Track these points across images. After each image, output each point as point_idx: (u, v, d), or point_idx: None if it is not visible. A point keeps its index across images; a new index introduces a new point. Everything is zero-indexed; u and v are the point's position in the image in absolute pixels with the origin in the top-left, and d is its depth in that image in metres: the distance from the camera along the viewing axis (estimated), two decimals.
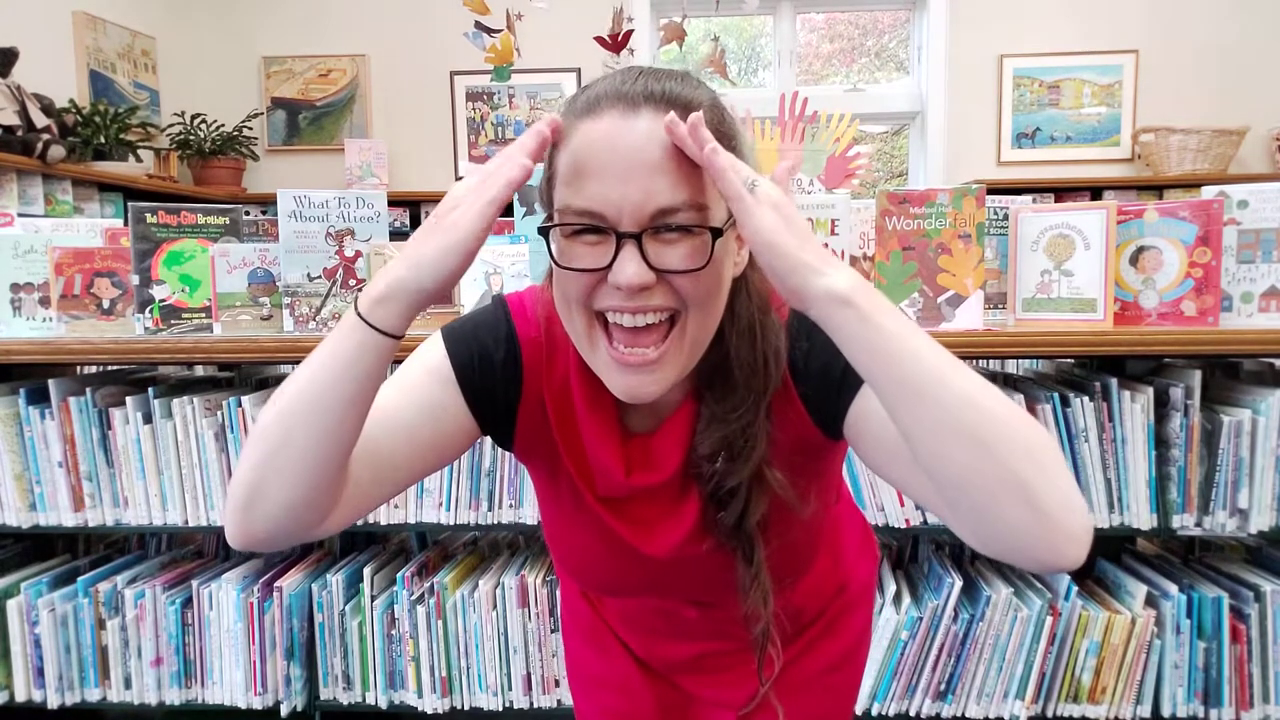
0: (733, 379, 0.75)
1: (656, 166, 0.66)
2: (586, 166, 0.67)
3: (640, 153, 0.66)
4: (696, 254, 0.67)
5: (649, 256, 0.67)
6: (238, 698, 1.60)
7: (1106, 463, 1.45)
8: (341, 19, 4.17)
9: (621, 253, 0.66)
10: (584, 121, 0.68)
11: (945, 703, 1.51)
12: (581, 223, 0.68)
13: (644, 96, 0.67)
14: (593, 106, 0.68)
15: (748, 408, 0.74)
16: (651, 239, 0.67)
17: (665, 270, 0.67)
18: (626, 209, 0.66)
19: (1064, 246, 1.45)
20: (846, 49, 4.59)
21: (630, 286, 0.66)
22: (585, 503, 0.81)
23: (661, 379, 0.70)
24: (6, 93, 2.88)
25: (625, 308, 0.68)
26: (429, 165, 4.22)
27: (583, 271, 0.68)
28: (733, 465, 0.75)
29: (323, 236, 1.59)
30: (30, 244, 1.65)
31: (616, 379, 0.71)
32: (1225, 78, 3.83)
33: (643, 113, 0.67)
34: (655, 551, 0.80)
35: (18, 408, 1.57)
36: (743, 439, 0.74)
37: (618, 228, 0.66)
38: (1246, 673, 1.47)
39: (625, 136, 0.66)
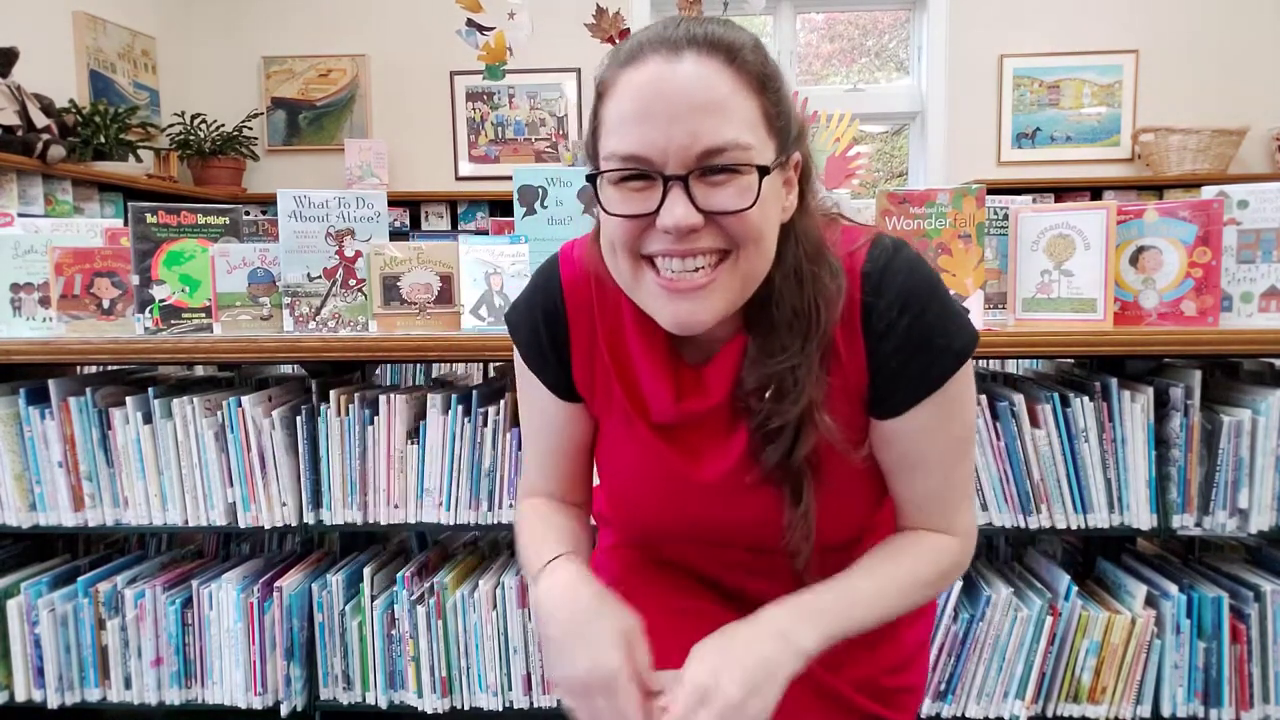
0: (775, 322, 0.75)
1: (702, 107, 0.66)
2: (632, 112, 0.68)
3: (685, 95, 0.66)
4: (744, 194, 0.68)
5: (696, 198, 0.68)
6: (238, 698, 1.60)
7: (1106, 463, 1.45)
8: (341, 19, 4.17)
9: (669, 196, 0.68)
10: (627, 69, 0.69)
11: (945, 703, 1.51)
12: (628, 168, 0.69)
13: (687, 40, 0.68)
14: (635, 54, 0.69)
15: (794, 351, 0.75)
16: (698, 180, 0.68)
17: (713, 211, 0.68)
18: (672, 151, 0.67)
19: (1064, 246, 1.45)
20: (846, 49, 4.59)
21: (679, 229, 0.67)
22: (639, 432, 0.83)
23: (711, 307, 0.71)
24: (6, 93, 2.89)
25: (674, 251, 0.69)
26: (429, 165, 4.22)
27: (631, 217, 0.70)
28: (779, 405, 0.75)
29: (323, 236, 1.59)
30: (30, 244, 1.65)
31: (665, 307, 0.72)
32: (1225, 78, 3.83)
33: (686, 56, 0.67)
34: (705, 477, 0.81)
35: (18, 408, 1.57)
36: (792, 380, 0.75)
37: (664, 171, 0.67)
38: (1246, 673, 1.47)
39: (669, 80, 0.67)
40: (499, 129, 4.21)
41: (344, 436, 1.55)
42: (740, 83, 0.68)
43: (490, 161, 4.23)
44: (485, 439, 1.53)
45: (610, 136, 0.70)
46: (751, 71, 0.69)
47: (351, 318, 1.59)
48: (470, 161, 4.24)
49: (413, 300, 1.58)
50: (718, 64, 0.68)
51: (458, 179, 4.24)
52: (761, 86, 0.70)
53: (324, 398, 1.55)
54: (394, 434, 1.54)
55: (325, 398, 1.55)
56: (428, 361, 2.13)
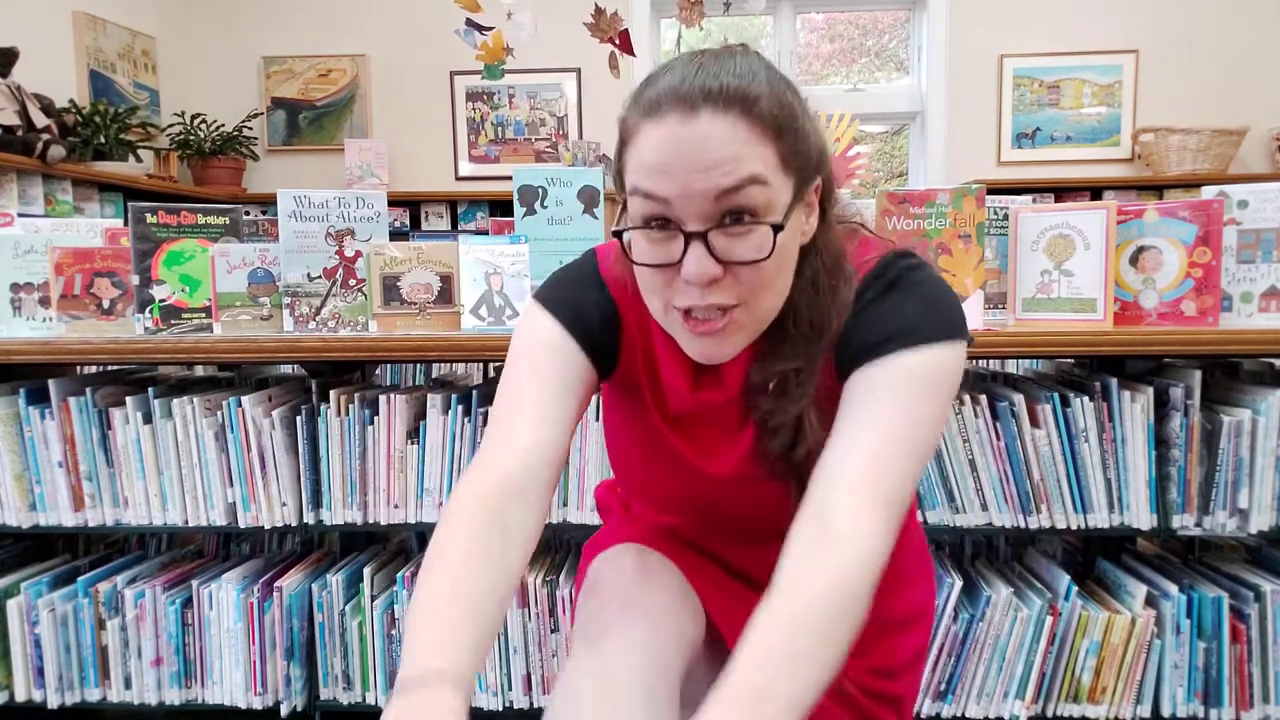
0: (787, 325, 0.80)
1: (717, 162, 0.70)
2: (652, 165, 0.72)
3: (701, 153, 0.70)
4: (760, 245, 0.73)
5: (715, 250, 0.72)
6: (238, 698, 1.60)
7: (1106, 463, 1.45)
8: (341, 19, 4.17)
9: (689, 250, 0.73)
10: (647, 123, 0.73)
11: (945, 703, 1.51)
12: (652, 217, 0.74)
13: (702, 96, 0.70)
14: (655, 108, 0.72)
15: (800, 354, 0.80)
16: (717, 233, 0.72)
17: (731, 262, 0.73)
18: (691, 208, 0.72)
19: (1064, 246, 1.45)
20: (846, 49, 4.59)
21: (699, 279, 0.72)
22: (655, 425, 0.87)
23: (732, 345, 0.78)
24: (6, 93, 2.89)
25: (698, 306, 0.75)
26: (429, 165, 4.22)
27: (655, 267, 0.75)
28: (781, 403, 0.80)
29: (323, 236, 1.59)
30: (30, 244, 1.65)
31: (691, 343, 0.79)
32: (1225, 78, 3.83)
33: (702, 114, 0.70)
34: (716, 470, 0.85)
35: (18, 408, 1.57)
36: (795, 381, 0.79)
37: (684, 227, 0.73)
38: (1246, 673, 1.47)
39: (687, 139, 0.70)
40: (499, 129, 4.21)
41: (344, 436, 1.55)
42: (756, 131, 0.71)
43: (490, 161, 4.23)
44: None
45: (633, 178, 0.75)
46: (768, 116, 0.71)
47: (351, 318, 1.59)
48: (470, 161, 4.24)
49: (413, 300, 1.58)
50: (734, 116, 0.70)
51: (458, 179, 4.24)
52: (778, 132, 0.72)
53: (324, 398, 1.55)
54: (394, 434, 1.54)
55: (325, 398, 1.55)
56: (428, 361, 2.13)
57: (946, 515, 1.48)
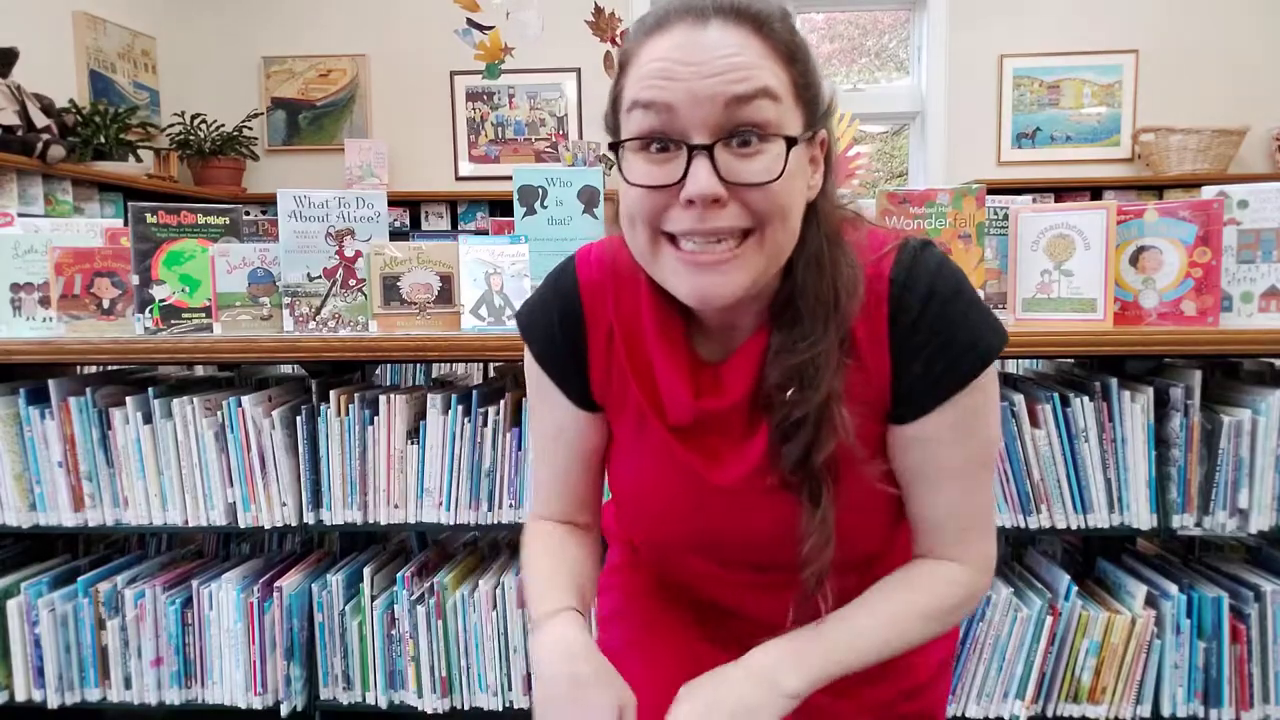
0: (799, 309, 0.73)
1: (727, 70, 0.65)
2: (656, 73, 0.66)
3: (711, 61, 0.65)
4: (770, 166, 0.66)
5: (720, 169, 0.65)
6: (238, 698, 1.60)
7: (1106, 463, 1.45)
8: (341, 19, 4.17)
9: (693, 164, 0.65)
10: (652, 37, 0.68)
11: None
12: (651, 132, 0.67)
13: (714, 9, 0.66)
14: (661, 22, 0.68)
15: (816, 338, 0.72)
16: (724, 150, 0.66)
17: (738, 183, 0.66)
18: (698, 116, 0.65)
19: (1064, 246, 1.45)
20: (846, 49, 4.59)
21: (703, 197, 0.65)
22: (655, 433, 0.80)
23: (734, 281, 0.68)
24: (6, 93, 2.88)
25: (696, 230, 0.67)
26: (429, 165, 4.22)
27: (653, 188, 0.67)
28: (801, 395, 0.72)
29: (323, 236, 1.59)
30: (30, 244, 1.65)
31: (686, 281, 0.69)
32: (1225, 78, 3.83)
33: (713, 23, 0.66)
34: (723, 480, 0.78)
35: (18, 408, 1.57)
36: (812, 369, 0.72)
37: (688, 139, 0.65)
38: (1246, 673, 1.47)
39: (696, 47, 0.65)
40: (499, 129, 4.21)
41: (344, 436, 1.55)
42: (768, 50, 0.67)
43: (490, 161, 4.23)
44: (485, 439, 1.53)
45: (632, 91, 0.68)
46: (780, 41, 0.67)
47: (351, 318, 1.59)
48: (470, 161, 4.24)
49: (413, 300, 1.58)
50: (746, 30, 0.66)
51: (458, 179, 4.24)
52: (790, 56, 0.68)
53: (324, 398, 1.55)
54: (394, 434, 1.54)
55: (325, 398, 1.55)
56: (428, 361, 2.13)
57: None
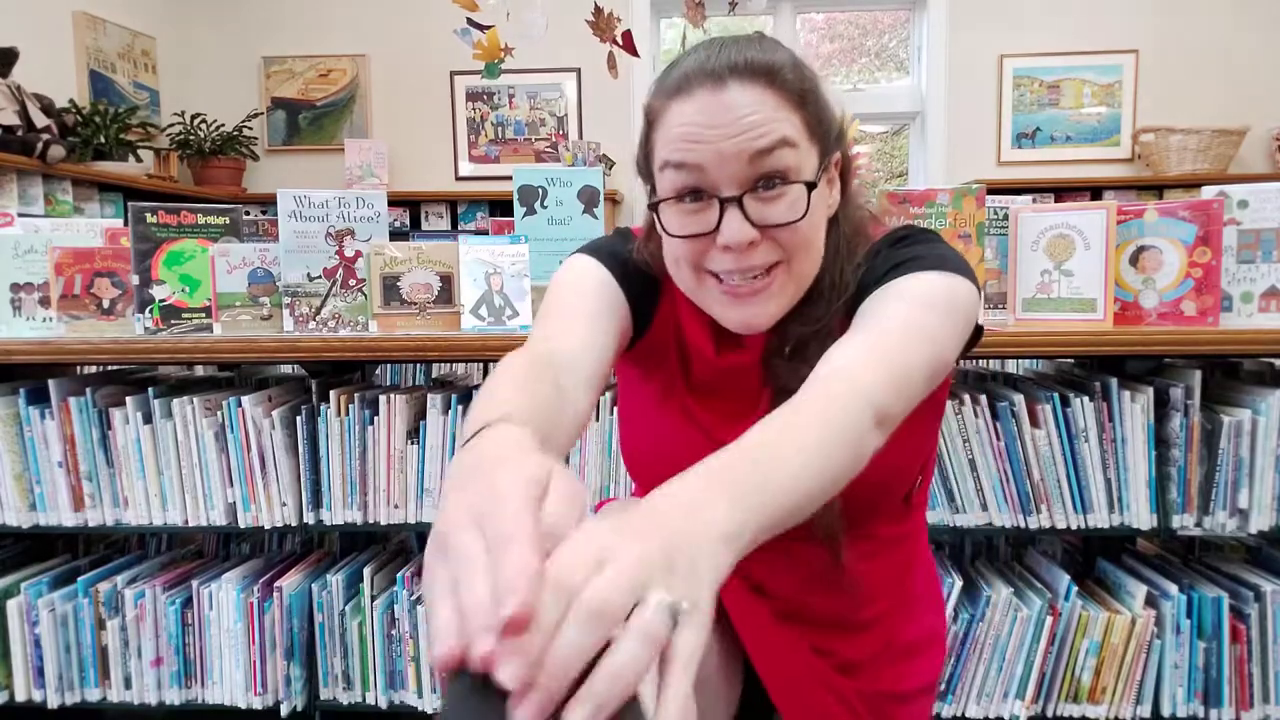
0: (820, 289, 0.82)
1: (749, 127, 0.73)
2: (684, 138, 0.75)
3: (733, 123, 0.73)
4: (794, 206, 0.76)
5: (750, 215, 0.75)
6: (238, 698, 1.60)
7: (1106, 463, 1.45)
8: (341, 19, 4.17)
9: (725, 215, 0.75)
10: (676, 100, 0.76)
11: (945, 703, 1.51)
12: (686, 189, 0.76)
13: (729, 70, 0.74)
14: (682, 86, 0.76)
15: (820, 315, 0.81)
16: (751, 198, 0.75)
17: (767, 225, 0.75)
18: (726, 173, 0.74)
19: (1064, 246, 1.45)
20: (846, 49, 4.59)
21: (738, 244, 0.74)
22: (677, 393, 0.89)
23: (770, 310, 0.79)
24: (6, 93, 2.88)
25: (735, 270, 0.77)
26: (429, 165, 4.22)
27: (692, 238, 0.77)
28: (798, 367, 0.76)
29: (323, 236, 1.59)
30: (30, 244, 1.65)
31: (729, 311, 0.79)
32: (1225, 78, 3.83)
33: (730, 85, 0.74)
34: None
35: (18, 408, 1.57)
36: (814, 341, 0.79)
37: (719, 193, 0.75)
38: (1246, 673, 1.47)
39: (718, 109, 0.73)
40: (499, 129, 4.21)
41: (344, 436, 1.55)
42: (782, 99, 0.75)
43: (490, 161, 4.23)
44: None
45: (663, 152, 0.77)
46: (791, 89, 0.75)
47: (351, 318, 1.59)
48: (470, 161, 4.24)
49: (413, 300, 1.58)
50: (760, 87, 0.74)
51: (458, 179, 4.24)
52: (801, 101, 0.76)
53: (324, 398, 1.55)
54: (394, 434, 1.54)
55: (325, 398, 1.55)
56: (428, 361, 2.13)
57: (946, 515, 1.48)
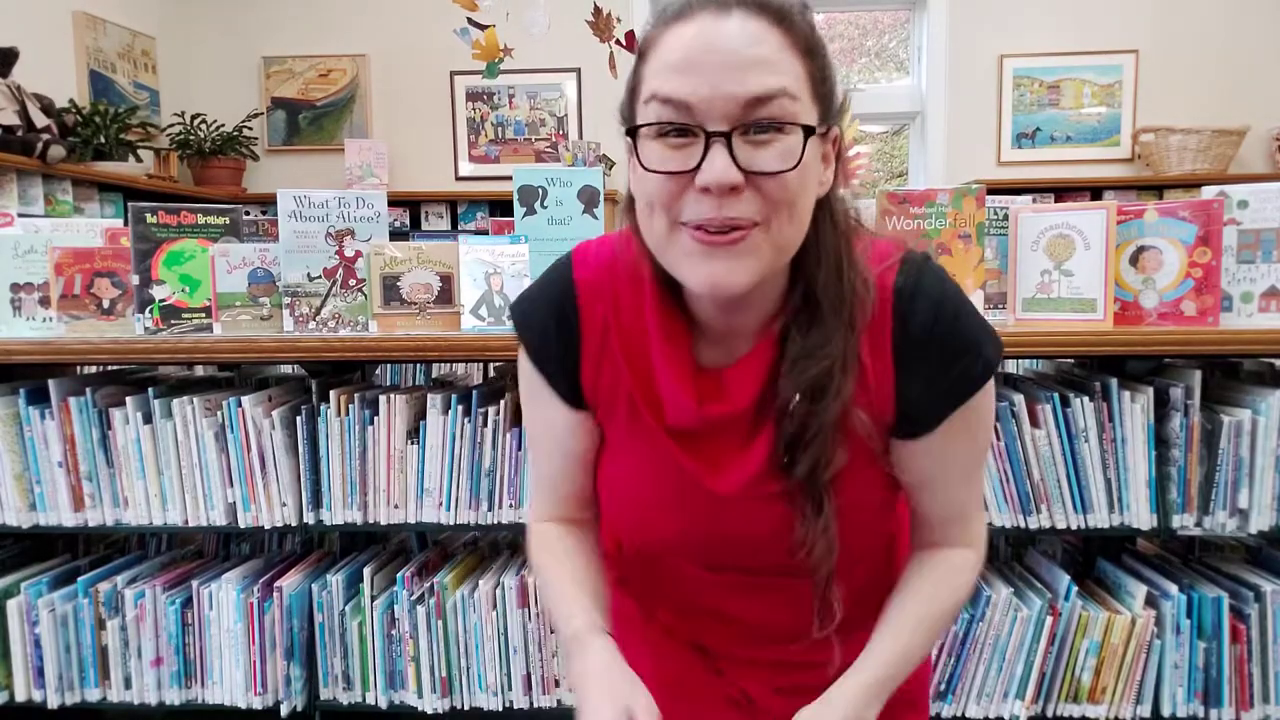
0: (820, 311, 0.73)
1: (749, 61, 0.65)
2: (677, 61, 0.66)
3: (733, 50, 0.65)
4: (787, 155, 0.66)
5: (738, 157, 0.65)
6: (238, 698, 1.60)
7: (1106, 463, 1.45)
8: (341, 19, 4.17)
9: (710, 152, 0.65)
10: (673, 25, 0.68)
11: (945, 703, 1.51)
12: (669, 122, 0.67)
13: (736, 1, 0.67)
14: (683, 11, 0.68)
15: (836, 342, 0.72)
16: (741, 139, 0.66)
17: (754, 171, 0.66)
18: (717, 103, 0.65)
19: (1064, 246, 1.45)
20: (846, 49, 4.59)
21: (719, 185, 0.65)
22: (654, 436, 0.78)
23: (745, 268, 0.68)
24: (6, 93, 2.88)
25: (710, 220, 0.67)
26: (429, 165, 4.22)
27: (669, 174, 0.67)
28: (815, 407, 0.72)
29: (323, 236, 1.59)
30: (30, 244, 1.65)
31: (699, 268, 0.68)
32: (1225, 78, 3.83)
33: (735, 14, 0.67)
34: (724, 488, 0.77)
35: (18, 408, 1.57)
36: (829, 378, 0.72)
37: (706, 125, 0.66)
38: (1246, 673, 1.47)
39: (718, 35, 0.66)
40: (499, 129, 4.21)
41: (344, 436, 1.55)
42: (788, 43, 0.68)
43: (490, 161, 4.23)
44: (485, 439, 1.53)
45: (652, 83, 0.68)
46: (800, 34, 0.69)
47: (351, 318, 1.59)
48: (470, 161, 4.24)
49: (413, 300, 1.58)
50: (766, 23, 0.67)
51: (458, 179, 4.24)
52: (809, 51, 0.70)
53: (324, 398, 1.55)
54: (394, 434, 1.54)
55: (325, 398, 1.55)
56: (428, 361, 2.13)
57: None
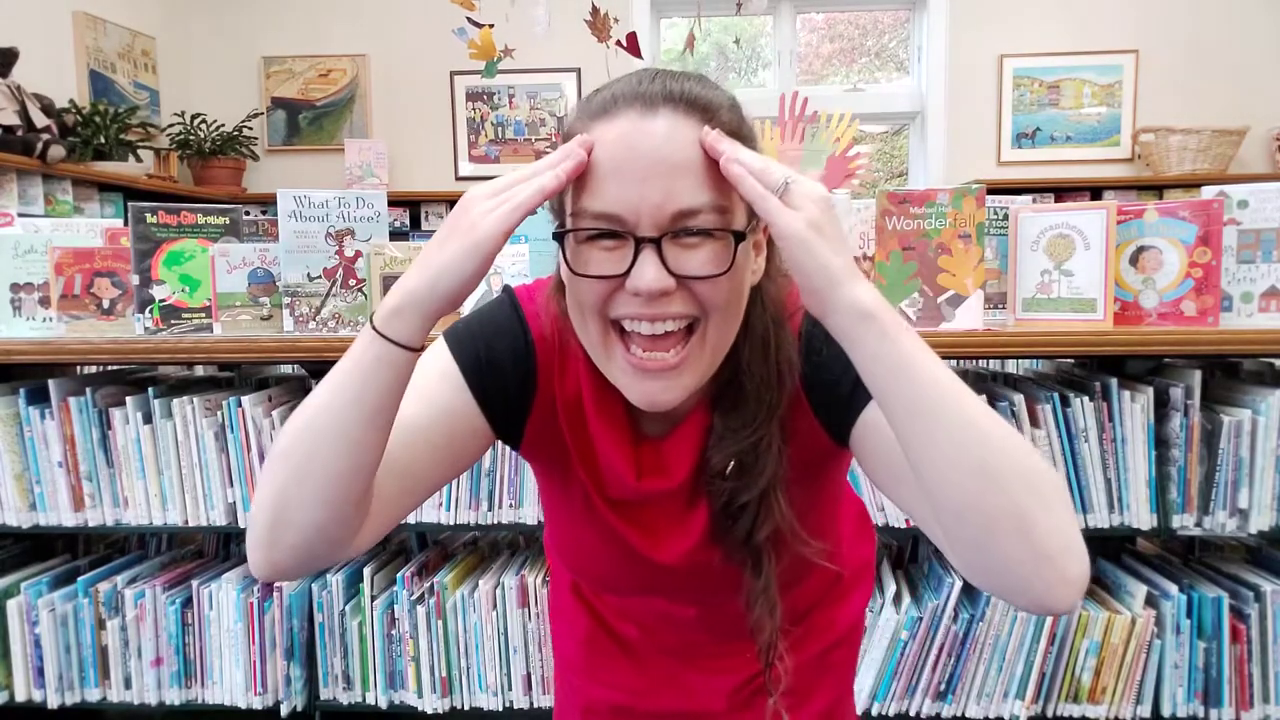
0: (745, 392, 0.73)
1: (676, 168, 0.64)
2: (603, 168, 0.64)
3: (659, 153, 0.63)
4: (718, 259, 0.65)
5: (668, 261, 0.64)
6: (238, 698, 1.60)
7: (1106, 463, 1.45)
8: (341, 19, 4.17)
9: (640, 257, 0.64)
10: (599, 123, 0.66)
11: (945, 703, 1.51)
12: (599, 227, 0.65)
13: (662, 97, 0.65)
14: (608, 108, 0.66)
15: (760, 422, 0.72)
16: (671, 243, 0.64)
17: (685, 276, 0.65)
18: (645, 211, 0.64)
19: (1064, 246, 1.45)
20: (846, 49, 4.59)
21: (650, 292, 0.64)
22: (594, 506, 0.79)
23: (681, 385, 0.68)
24: (6, 93, 2.88)
25: (643, 315, 0.66)
26: (429, 165, 4.22)
27: (600, 278, 0.66)
28: (743, 481, 0.73)
29: (323, 236, 1.59)
30: (30, 244, 1.65)
31: (634, 386, 0.69)
32: (1225, 78, 3.83)
33: (661, 113, 0.64)
34: (664, 559, 0.79)
35: (18, 408, 1.57)
36: (753, 455, 0.73)
37: (636, 232, 0.64)
38: (1246, 673, 1.47)
39: (644, 137, 0.64)
40: (499, 129, 4.21)
41: None
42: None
43: (490, 161, 4.23)
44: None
45: (579, 192, 0.66)
46: (728, 132, 0.66)
47: (351, 318, 1.59)
48: (470, 161, 4.24)
49: None
50: (694, 123, 0.65)
51: (458, 179, 4.24)
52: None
53: None
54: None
55: None
56: None
57: None
